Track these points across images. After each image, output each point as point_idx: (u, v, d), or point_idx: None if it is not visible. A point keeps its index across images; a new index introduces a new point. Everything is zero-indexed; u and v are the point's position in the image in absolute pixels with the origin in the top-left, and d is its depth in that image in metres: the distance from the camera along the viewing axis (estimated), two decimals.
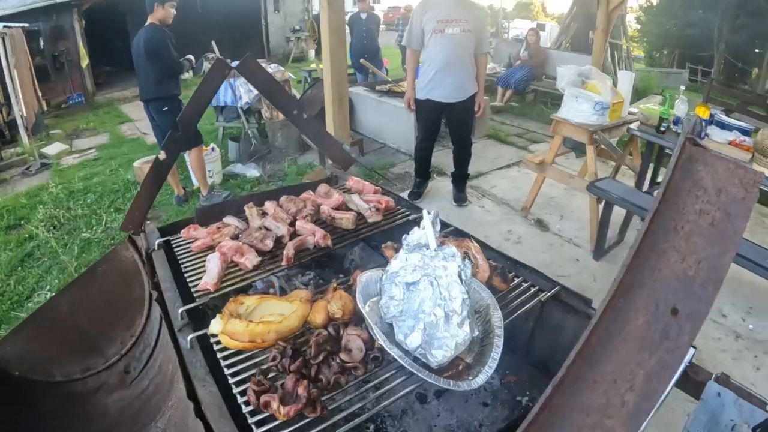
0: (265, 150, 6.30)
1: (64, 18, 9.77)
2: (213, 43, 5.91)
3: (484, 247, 1.62)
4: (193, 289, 1.56)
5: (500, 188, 5.45)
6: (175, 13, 4.45)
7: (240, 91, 6.06)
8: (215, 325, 1.32)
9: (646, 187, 4.47)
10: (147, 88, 4.70)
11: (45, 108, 8.96)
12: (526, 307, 1.35)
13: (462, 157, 4.81)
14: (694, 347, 1.35)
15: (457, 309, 1.05)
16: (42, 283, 3.83)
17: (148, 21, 4.47)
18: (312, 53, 14.76)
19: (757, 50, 13.76)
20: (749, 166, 2.99)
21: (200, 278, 1.57)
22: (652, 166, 4.54)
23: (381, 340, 1.07)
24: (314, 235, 1.66)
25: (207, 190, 4.99)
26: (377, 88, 6.81)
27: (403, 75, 8.78)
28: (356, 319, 1.32)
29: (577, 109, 4.11)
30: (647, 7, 17.94)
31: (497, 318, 1.16)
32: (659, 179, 4.80)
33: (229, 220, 1.89)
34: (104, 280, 2.09)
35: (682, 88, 4.55)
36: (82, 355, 1.95)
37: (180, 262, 1.74)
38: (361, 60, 7.14)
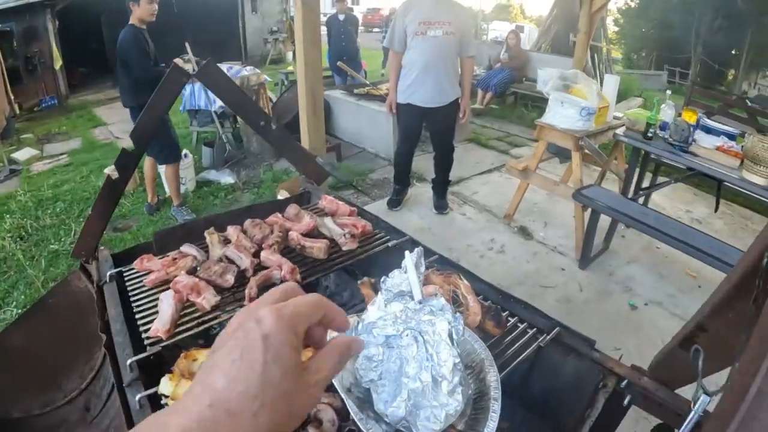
0: (240, 155, 6.11)
1: (37, 18, 9.40)
2: (187, 44, 5.68)
3: (472, 278, 1.44)
4: (144, 335, 1.35)
5: (482, 194, 5.33)
6: (156, 8, 4.14)
7: (214, 95, 5.81)
8: (165, 386, 1.12)
9: (631, 194, 4.37)
10: (123, 96, 4.50)
11: (17, 111, 8.61)
12: (523, 355, 1.18)
13: (443, 163, 4.67)
14: (708, 395, 1.22)
15: (447, 375, 0.87)
16: (8, 299, 3.60)
17: (129, 21, 4.19)
18: (290, 55, 14.49)
19: (733, 52, 13.93)
20: (737, 171, 2.94)
21: (153, 319, 1.37)
22: (637, 171, 4.43)
23: (356, 418, 0.88)
24: (281, 269, 1.47)
25: (179, 201, 4.75)
26: (355, 91, 6.64)
27: (381, 78, 8.65)
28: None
29: (563, 115, 3.98)
30: (625, 10, 18.10)
31: (493, 377, 0.98)
32: (645, 185, 4.71)
33: (186, 249, 1.68)
34: (56, 313, 1.90)
35: (668, 92, 4.47)
36: (40, 390, 1.80)
37: (131, 299, 1.53)
38: (339, 63, 6.96)
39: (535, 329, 1.28)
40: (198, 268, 1.57)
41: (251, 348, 0.40)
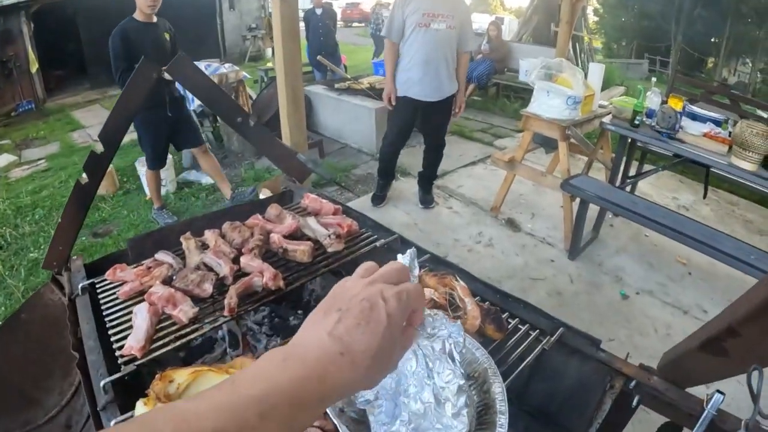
0: (221, 155, 5.97)
1: (12, 21, 9.08)
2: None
3: (467, 278, 1.36)
4: (118, 353, 1.24)
5: (467, 187, 5.25)
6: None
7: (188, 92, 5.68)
8: (140, 411, 1.03)
9: (618, 183, 4.34)
10: None
11: None
12: (527, 360, 1.10)
13: (434, 158, 4.60)
14: (721, 393, 1.15)
15: (452, 397, 0.78)
16: None
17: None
18: (269, 52, 14.27)
19: (713, 40, 14.04)
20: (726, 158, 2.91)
21: (128, 335, 1.27)
22: (624, 160, 4.39)
23: None
24: (262, 275, 1.36)
25: (159, 204, 4.61)
26: (336, 86, 6.52)
27: (363, 72, 8.54)
28: None
29: (549, 104, 3.92)
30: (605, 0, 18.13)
31: (499, 388, 0.89)
32: (632, 173, 4.68)
33: (161, 256, 1.57)
34: (30, 328, 1.79)
35: (654, 80, 4.44)
36: (19, 409, 1.70)
37: (104, 313, 1.41)
38: (319, 57, 6.84)
39: (537, 331, 1.20)
40: (174, 277, 1.47)
41: (377, 321, 0.50)
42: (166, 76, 1.85)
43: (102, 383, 1.15)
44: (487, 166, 5.77)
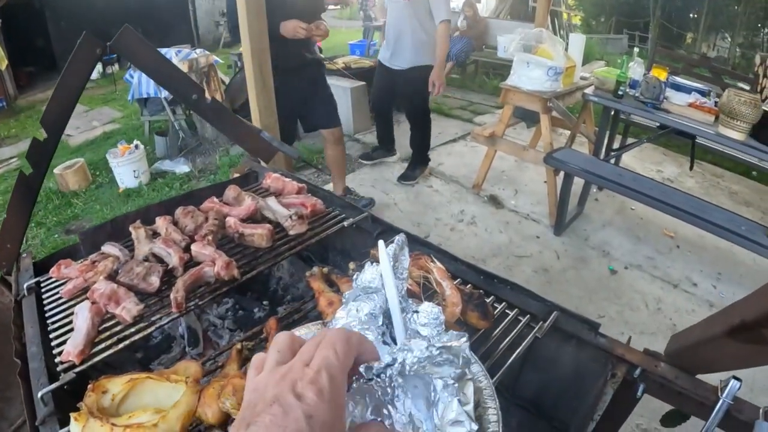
0: (195, 143, 5.77)
1: None
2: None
3: (446, 258, 1.20)
4: (57, 359, 1.10)
5: (448, 165, 5.11)
6: None
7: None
8: (74, 428, 0.89)
9: (603, 155, 4.22)
10: None
11: None
12: (518, 351, 0.95)
13: (413, 135, 4.59)
14: (737, 379, 1.03)
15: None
16: None
17: None
18: None
19: (692, 15, 13.98)
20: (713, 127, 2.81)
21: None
22: (607, 132, 4.26)
23: None
24: (214, 264, 1.20)
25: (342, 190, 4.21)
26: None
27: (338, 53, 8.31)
28: None
29: (529, 76, 3.76)
30: None
31: (494, 416, 0.74)
32: (616, 146, 4.57)
33: (108, 248, 1.40)
34: None
35: (636, 50, 4.31)
36: None
37: (47, 314, 1.26)
38: None
39: (528, 316, 1.05)
40: (119, 271, 1.30)
41: (295, 429, 0.38)
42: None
43: (40, 394, 1.01)
44: (467, 143, 5.63)
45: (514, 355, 0.92)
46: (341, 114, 5.68)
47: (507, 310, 1.07)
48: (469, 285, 1.09)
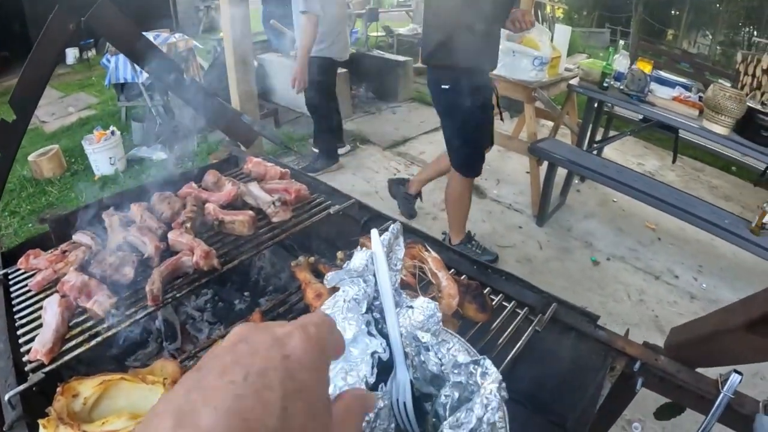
0: (172, 129, 5.60)
1: None
2: None
3: (439, 247, 1.14)
4: (25, 358, 1.02)
5: (429, 154, 5.04)
6: None
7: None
8: None
9: (585, 147, 4.21)
10: None
11: None
12: (519, 345, 0.90)
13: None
14: (739, 373, 1.00)
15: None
16: None
17: None
18: None
19: (673, 12, 14.13)
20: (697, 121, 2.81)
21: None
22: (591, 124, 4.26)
23: None
24: (192, 253, 1.12)
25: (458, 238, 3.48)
26: (292, 53, 6.16)
27: None
28: None
29: (514, 65, 3.73)
30: None
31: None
32: (598, 138, 4.56)
33: (79, 237, 1.31)
34: None
35: (622, 42, 4.31)
36: None
37: (15, 309, 1.17)
38: (272, 21, 6.46)
39: (526, 308, 1.00)
40: (91, 262, 1.21)
41: (264, 372, 0.27)
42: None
43: (7, 397, 0.92)
44: None
45: (514, 350, 0.87)
46: None
47: (504, 302, 1.02)
48: (464, 276, 1.04)
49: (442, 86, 2.72)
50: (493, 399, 0.57)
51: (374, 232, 0.67)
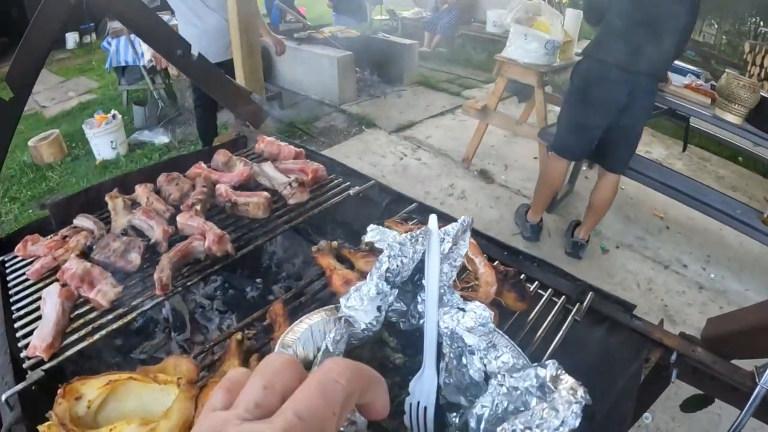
0: (175, 112, 5.56)
1: None
2: None
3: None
4: (23, 353, 0.95)
5: (436, 138, 4.98)
6: None
7: (141, 48, 5.22)
8: None
9: None
10: None
11: None
12: (559, 336, 0.85)
13: None
14: None
15: None
16: None
17: None
18: None
19: None
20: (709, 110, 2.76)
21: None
22: None
23: None
24: (204, 238, 1.06)
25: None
26: (296, 35, 6.08)
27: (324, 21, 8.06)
28: None
29: (525, 49, 3.64)
30: None
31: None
32: None
33: (80, 221, 1.25)
34: None
35: None
36: None
37: (11, 300, 1.11)
38: (277, 2, 6.35)
39: (563, 297, 0.95)
40: (94, 248, 1.15)
41: None
42: None
43: (4, 397, 0.86)
44: (455, 116, 5.50)
45: (555, 341, 0.82)
46: (327, 84, 5.59)
47: (540, 290, 0.97)
48: (496, 262, 0.99)
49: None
50: (573, 406, 0.51)
51: (433, 217, 0.62)
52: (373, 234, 0.66)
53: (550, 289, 0.97)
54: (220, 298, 1.48)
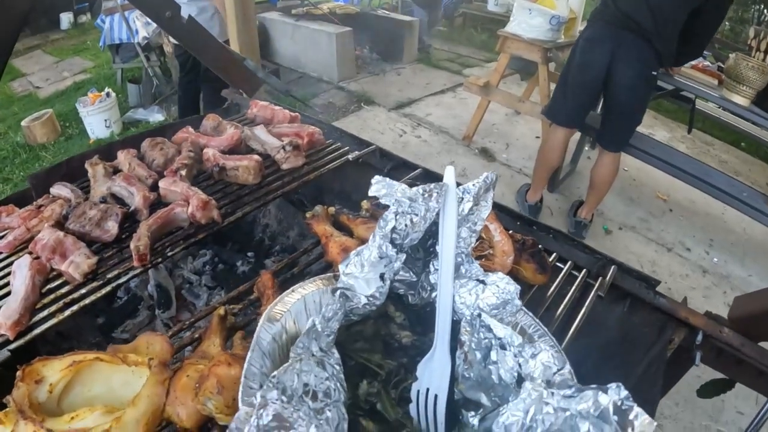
0: (170, 90, 5.43)
1: None
2: None
3: None
4: None
5: (436, 116, 4.89)
6: None
7: (136, 25, 5.10)
8: None
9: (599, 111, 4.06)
10: None
11: None
12: (583, 312, 0.77)
13: None
14: None
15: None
16: None
17: None
18: None
19: None
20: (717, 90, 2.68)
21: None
22: None
23: None
24: (187, 203, 0.97)
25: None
26: (293, 11, 5.94)
27: None
28: None
29: (530, 24, 3.54)
30: None
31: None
32: None
33: (57, 190, 1.15)
34: None
35: None
36: None
37: None
38: None
39: (584, 270, 0.87)
40: (69, 216, 1.05)
41: None
42: None
43: None
44: (456, 94, 5.40)
45: (578, 318, 0.74)
46: (325, 61, 5.47)
47: (559, 264, 0.88)
48: (510, 231, 0.90)
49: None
50: None
51: (450, 168, 0.52)
52: (378, 187, 0.57)
53: (569, 262, 0.89)
54: (209, 274, 1.39)
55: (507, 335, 0.51)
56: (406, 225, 0.52)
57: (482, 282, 0.53)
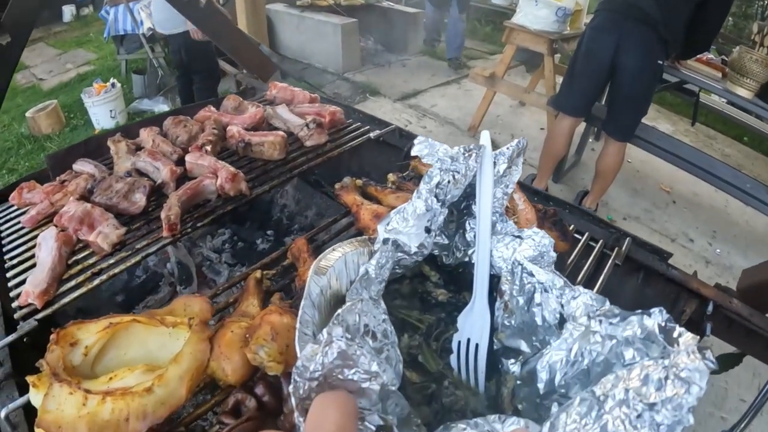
0: (174, 81, 5.42)
1: None
2: None
3: None
4: (15, 303, 0.87)
5: (441, 107, 4.92)
6: None
7: (141, 15, 5.08)
8: (33, 398, 0.65)
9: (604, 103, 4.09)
10: None
11: None
12: (601, 280, 0.80)
13: None
14: None
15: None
16: None
17: None
18: None
19: None
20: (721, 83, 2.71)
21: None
22: None
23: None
24: (216, 176, 1.00)
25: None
26: (298, 3, 5.95)
27: None
28: None
29: (536, 15, 3.57)
30: None
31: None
32: None
33: (80, 166, 1.17)
34: None
35: None
36: None
37: (4, 250, 1.03)
38: None
39: (601, 241, 0.90)
40: (94, 190, 1.07)
41: None
42: None
43: None
44: (461, 86, 5.43)
45: (596, 288, 0.77)
46: (330, 52, 5.48)
47: (577, 235, 0.91)
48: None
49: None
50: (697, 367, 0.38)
51: (485, 132, 0.55)
52: (420, 147, 0.60)
53: (587, 233, 0.92)
54: (229, 251, 1.42)
55: (549, 279, 0.54)
56: (449, 181, 0.55)
57: (518, 237, 0.57)
